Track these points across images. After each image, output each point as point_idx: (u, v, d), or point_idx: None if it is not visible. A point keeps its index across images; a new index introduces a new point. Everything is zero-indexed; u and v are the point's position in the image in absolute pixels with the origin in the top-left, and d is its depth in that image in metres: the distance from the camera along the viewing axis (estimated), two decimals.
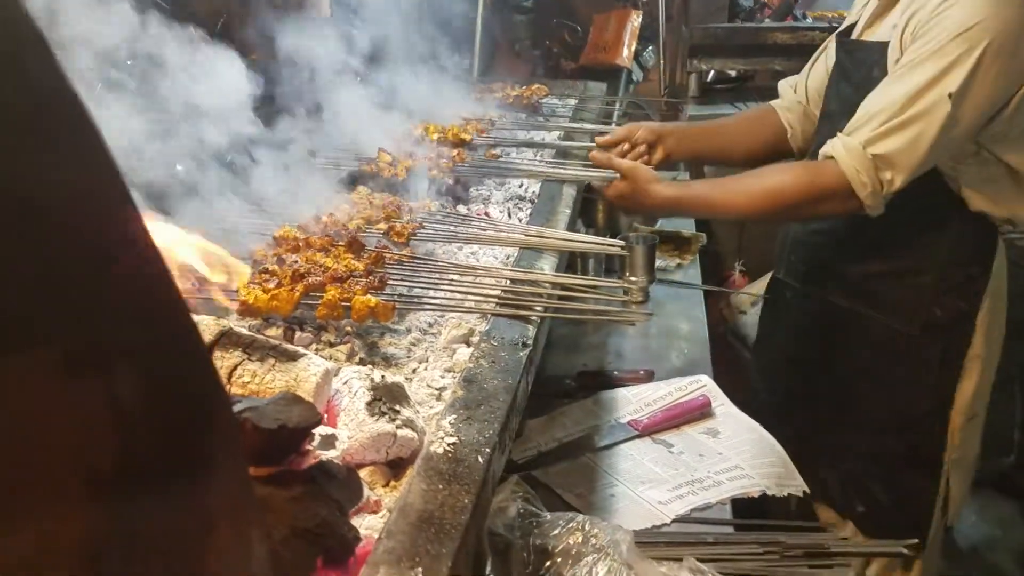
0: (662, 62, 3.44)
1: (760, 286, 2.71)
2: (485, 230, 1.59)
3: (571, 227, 1.70)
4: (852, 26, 1.70)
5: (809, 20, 3.46)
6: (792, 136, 1.85)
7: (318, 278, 1.16)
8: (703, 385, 1.64)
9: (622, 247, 1.52)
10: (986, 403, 1.70)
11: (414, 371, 1.13)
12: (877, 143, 1.43)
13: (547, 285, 1.33)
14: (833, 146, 1.50)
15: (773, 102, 1.91)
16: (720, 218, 2.52)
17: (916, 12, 1.45)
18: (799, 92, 1.85)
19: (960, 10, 1.38)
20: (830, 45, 1.77)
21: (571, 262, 1.94)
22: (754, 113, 1.99)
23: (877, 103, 1.45)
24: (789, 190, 1.53)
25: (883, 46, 1.51)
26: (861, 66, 1.59)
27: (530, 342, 1.13)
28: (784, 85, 1.90)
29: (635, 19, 3.46)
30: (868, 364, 1.68)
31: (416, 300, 1.25)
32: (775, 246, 1.91)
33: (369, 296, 1.14)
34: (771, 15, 3.55)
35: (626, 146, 1.83)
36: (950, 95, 1.38)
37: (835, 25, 3.14)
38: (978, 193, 1.55)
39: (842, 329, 1.72)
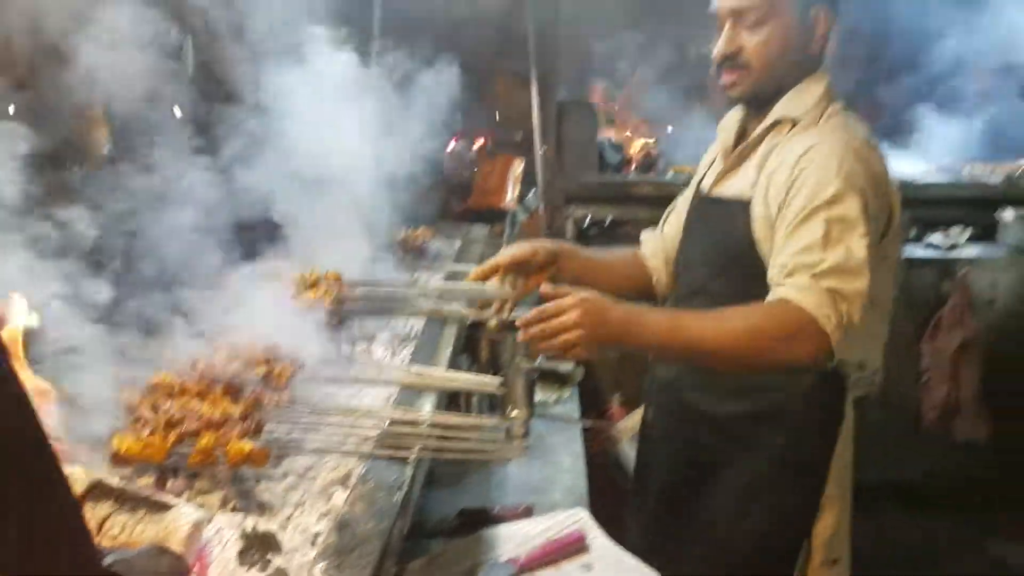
0: (541, 207, 3.67)
1: (636, 418, 2.82)
2: (367, 370, 1.63)
3: (453, 364, 1.77)
4: (701, 180, 1.79)
5: (670, 174, 3.80)
6: (657, 282, 1.91)
7: (192, 425, 1.17)
8: (579, 519, 1.68)
9: (500, 384, 1.59)
10: (848, 547, 1.73)
11: (289, 517, 1.13)
12: (824, 280, 1.42)
13: (426, 424, 1.37)
14: (782, 292, 1.45)
15: (639, 250, 1.97)
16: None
17: (773, 173, 1.54)
18: (660, 242, 1.92)
19: (818, 163, 1.49)
20: (681, 198, 1.88)
21: (454, 398, 1.99)
22: (631, 255, 1.99)
23: (796, 248, 1.46)
24: (767, 327, 1.43)
25: (744, 203, 1.58)
26: (721, 220, 1.66)
27: (405, 484, 1.15)
28: (646, 234, 1.98)
29: (517, 166, 3.69)
30: (732, 503, 1.70)
31: (293, 444, 1.26)
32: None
33: (244, 442, 1.15)
34: (636, 169, 3.90)
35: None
36: (852, 224, 1.44)
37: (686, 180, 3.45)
38: None
39: (708, 468, 1.74)
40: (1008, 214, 3.38)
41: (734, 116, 1.75)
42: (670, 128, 4.12)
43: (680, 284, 1.79)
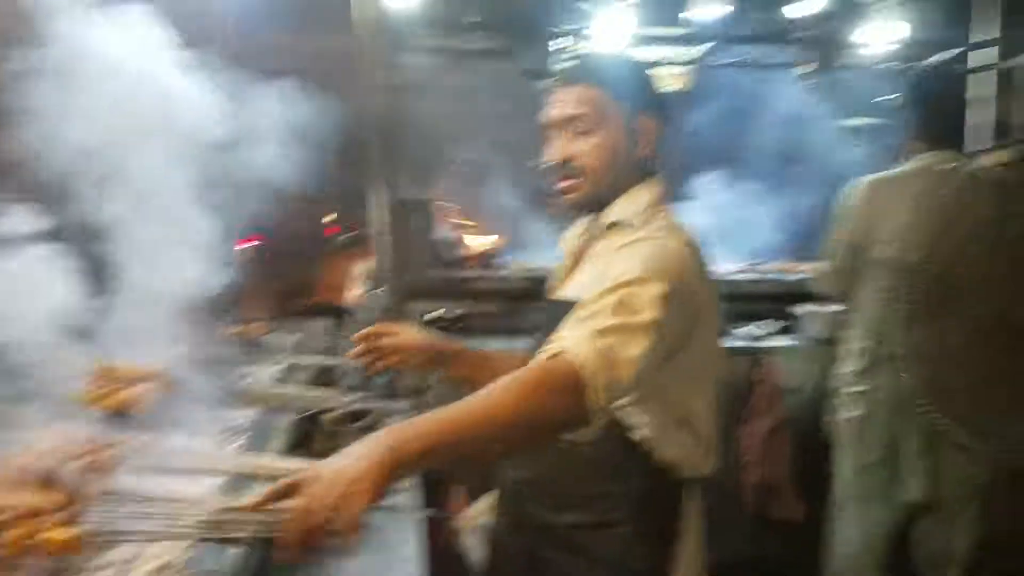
0: (385, 304, 3.74)
1: (480, 508, 2.85)
2: (195, 459, 1.61)
3: (287, 455, 1.76)
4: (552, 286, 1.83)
5: (510, 269, 3.99)
6: None
7: (3, 517, 1.13)
8: None
9: None
10: None
11: None
12: (599, 339, 1.36)
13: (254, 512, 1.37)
14: (556, 344, 1.39)
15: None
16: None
17: (600, 270, 1.56)
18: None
19: (634, 252, 1.51)
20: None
21: None
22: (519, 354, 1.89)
23: (582, 314, 1.43)
24: (536, 380, 1.31)
25: (572, 304, 1.56)
26: (556, 323, 1.65)
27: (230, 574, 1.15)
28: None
29: (360, 264, 3.76)
30: None
31: (115, 533, 1.24)
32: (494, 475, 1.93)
33: (60, 531, 1.12)
34: (475, 264, 4.08)
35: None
36: (647, 304, 1.41)
37: (532, 274, 3.64)
38: (659, 443, 1.59)
39: None
40: (804, 306, 3.77)
41: (580, 224, 1.79)
42: (511, 226, 4.35)
43: None
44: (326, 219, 3.89)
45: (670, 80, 6.22)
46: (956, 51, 3.99)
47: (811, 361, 3.65)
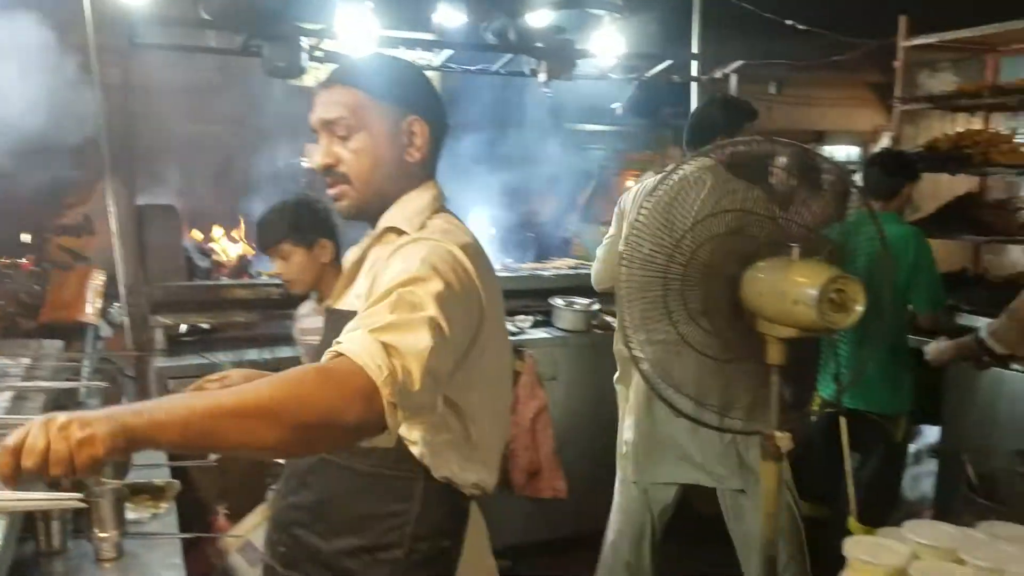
0: (126, 319, 3.46)
1: (246, 527, 2.74)
2: None
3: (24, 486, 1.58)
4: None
5: (264, 277, 3.84)
6: None
7: None
8: None
9: (81, 499, 1.45)
10: None
11: None
12: (382, 335, 1.28)
13: None
14: (336, 346, 1.30)
15: None
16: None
17: (376, 275, 1.48)
18: None
19: (408, 254, 1.43)
20: None
21: (30, 525, 1.78)
22: None
23: (360, 317, 1.35)
24: (308, 377, 1.24)
25: (352, 314, 1.47)
26: (337, 332, 1.64)
27: None
28: None
29: (97, 277, 3.44)
30: None
31: None
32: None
33: None
34: (227, 273, 3.88)
35: None
36: (426, 301, 1.35)
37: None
38: (440, 459, 1.55)
39: None
40: (558, 301, 4.02)
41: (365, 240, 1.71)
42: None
43: None
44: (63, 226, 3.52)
45: None
46: (666, 63, 4.47)
47: (565, 350, 3.92)
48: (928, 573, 1.46)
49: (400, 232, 1.56)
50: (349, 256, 1.73)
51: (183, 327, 3.61)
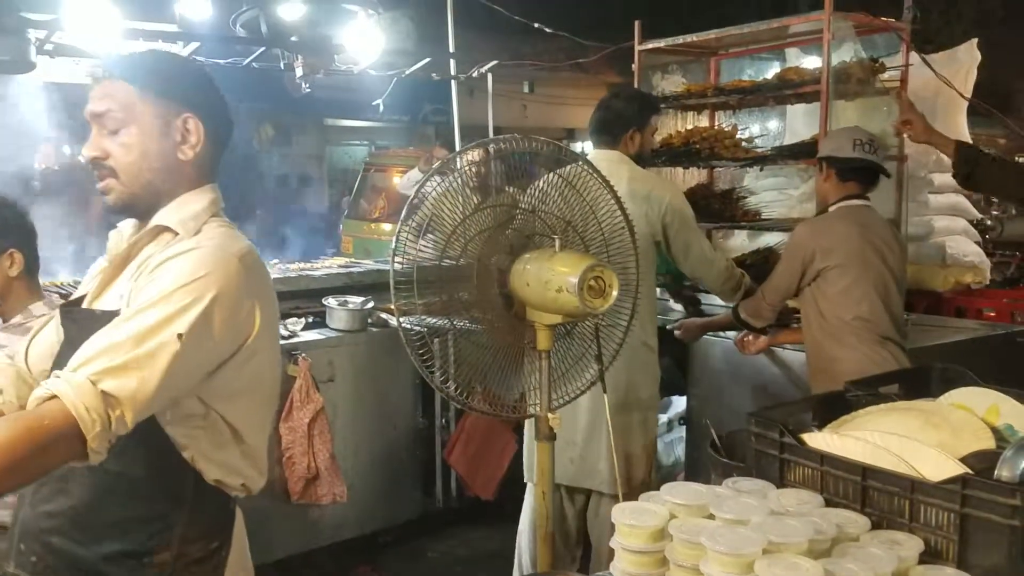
0: None
1: None
2: None
3: None
4: (82, 297, 1.67)
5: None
6: (4, 402, 1.64)
7: None
8: None
9: None
10: None
11: None
12: (106, 380, 1.33)
13: None
14: (55, 384, 1.34)
15: None
16: None
17: (140, 275, 1.48)
18: (17, 358, 1.71)
19: (184, 262, 1.44)
20: (58, 314, 1.69)
21: None
22: None
23: (103, 342, 1.38)
24: (9, 439, 1.27)
25: (113, 314, 1.47)
26: (90, 334, 1.50)
27: None
28: None
29: None
30: None
31: None
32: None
33: None
34: None
35: None
36: (180, 335, 1.39)
37: (68, 292, 3.19)
38: (211, 462, 1.55)
39: None
40: (331, 301, 3.95)
41: (128, 229, 1.66)
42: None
43: None
44: None
45: None
46: (424, 61, 4.54)
47: (341, 349, 3.85)
48: (684, 530, 1.59)
49: (172, 234, 1.55)
50: (112, 248, 1.66)
51: None
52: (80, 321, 1.57)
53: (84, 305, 1.63)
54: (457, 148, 4.63)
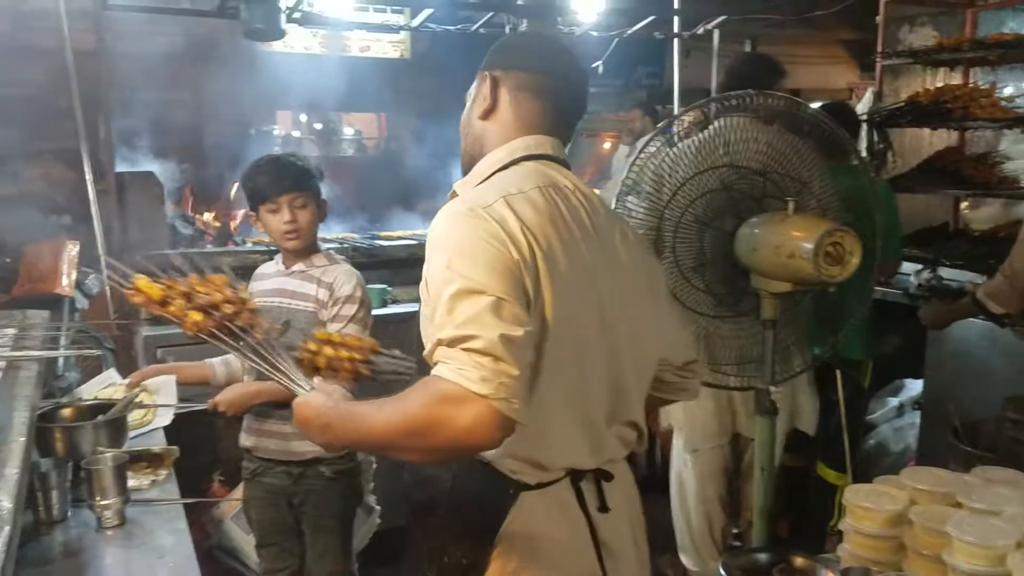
0: (108, 288, 3.40)
1: (238, 496, 2.74)
2: None
3: (27, 457, 1.57)
4: None
5: (249, 244, 3.80)
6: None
7: None
8: None
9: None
10: None
11: None
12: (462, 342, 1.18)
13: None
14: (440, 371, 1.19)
15: None
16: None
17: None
18: None
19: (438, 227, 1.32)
20: None
21: (30, 496, 1.77)
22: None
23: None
24: (413, 402, 1.18)
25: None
26: None
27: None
28: None
29: (72, 249, 3.38)
30: None
31: None
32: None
33: None
34: (212, 241, 3.82)
35: None
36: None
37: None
38: None
39: None
40: None
41: None
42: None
43: None
44: None
45: (388, 47, 6.25)
46: (648, 19, 4.43)
47: None
48: (926, 516, 1.49)
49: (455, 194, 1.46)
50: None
51: None
52: None
53: None
54: (675, 111, 4.52)
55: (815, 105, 2.56)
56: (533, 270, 1.28)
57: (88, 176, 3.35)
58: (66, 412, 2.20)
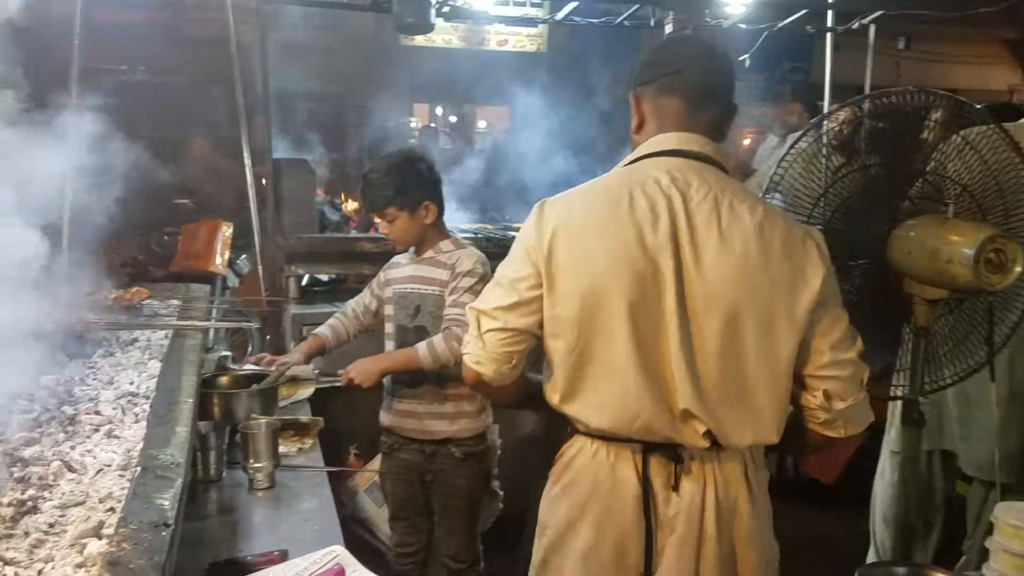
0: (260, 268, 3.61)
1: (374, 467, 2.86)
2: (98, 428, 1.53)
3: (195, 418, 1.70)
4: None
5: None
6: None
7: None
8: (336, 555, 1.69)
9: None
10: None
11: (40, 572, 1.04)
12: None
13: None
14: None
15: None
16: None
17: None
18: None
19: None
20: None
21: (192, 455, 1.90)
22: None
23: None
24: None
25: None
26: None
27: (171, 522, 1.12)
28: None
29: (226, 230, 3.60)
30: None
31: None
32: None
33: None
34: (355, 227, 3.99)
35: None
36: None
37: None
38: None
39: None
40: None
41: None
42: None
43: None
44: None
45: (525, 41, 6.31)
46: (801, 12, 4.27)
47: None
48: None
49: None
50: None
51: (307, 277, 3.76)
52: None
53: None
54: (826, 108, 4.35)
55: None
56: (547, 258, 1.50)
57: (247, 161, 3.56)
58: (223, 380, 2.35)
